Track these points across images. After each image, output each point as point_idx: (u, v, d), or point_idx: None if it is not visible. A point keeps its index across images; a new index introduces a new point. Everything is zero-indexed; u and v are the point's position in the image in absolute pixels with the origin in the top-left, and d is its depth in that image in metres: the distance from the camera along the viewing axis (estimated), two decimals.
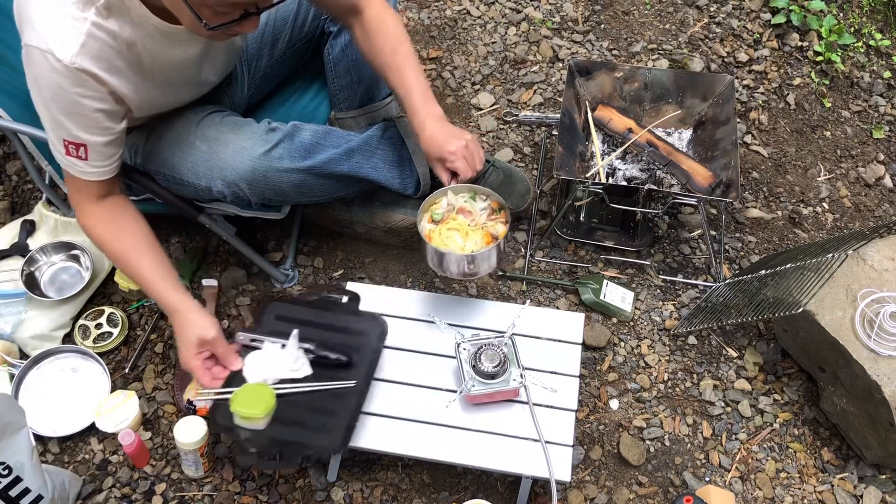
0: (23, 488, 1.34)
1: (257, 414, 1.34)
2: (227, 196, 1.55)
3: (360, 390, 1.43)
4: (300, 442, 1.36)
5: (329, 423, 1.38)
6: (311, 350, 1.45)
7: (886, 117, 2.21)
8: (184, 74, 1.47)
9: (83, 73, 1.26)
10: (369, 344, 1.49)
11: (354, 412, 1.41)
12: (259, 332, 1.49)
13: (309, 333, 1.47)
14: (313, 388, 1.42)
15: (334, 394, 1.42)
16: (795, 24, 2.33)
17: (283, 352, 1.44)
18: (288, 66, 1.81)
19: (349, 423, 1.39)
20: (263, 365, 1.43)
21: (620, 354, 1.76)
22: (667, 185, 1.85)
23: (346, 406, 1.41)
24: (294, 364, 1.43)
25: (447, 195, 1.55)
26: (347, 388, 1.42)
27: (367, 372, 1.46)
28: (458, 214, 1.55)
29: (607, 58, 2.30)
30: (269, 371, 1.42)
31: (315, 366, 1.44)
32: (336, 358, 1.45)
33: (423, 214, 1.55)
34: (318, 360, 1.45)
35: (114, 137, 1.39)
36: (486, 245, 1.50)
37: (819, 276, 1.51)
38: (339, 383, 1.43)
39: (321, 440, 1.37)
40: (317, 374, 1.43)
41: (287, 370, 1.43)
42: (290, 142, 1.54)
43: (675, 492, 1.58)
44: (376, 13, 1.57)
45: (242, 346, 1.48)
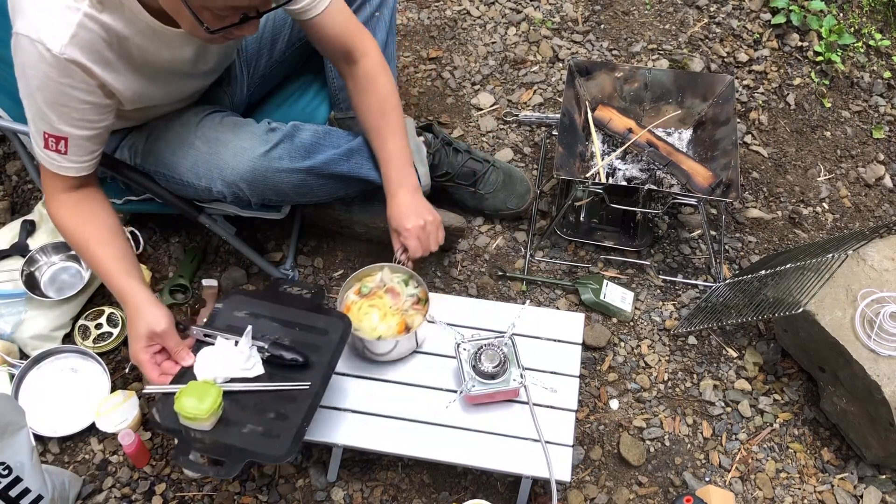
0: (23, 488, 1.34)
1: (201, 414, 1.27)
2: (227, 196, 1.55)
3: (314, 393, 1.34)
4: (245, 448, 1.28)
5: (278, 429, 1.30)
6: (264, 348, 1.38)
7: (886, 117, 2.21)
8: (176, 71, 1.45)
9: (72, 64, 1.24)
10: (329, 343, 1.40)
11: (307, 416, 1.31)
12: (215, 327, 1.41)
13: (266, 329, 1.40)
14: (265, 389, 1.34)
15: (287, 396, 1.34)
16: (795, 24, 2.33)
17: (235, 349, 1.37)
18: (288, 66, 1.81)
19: (300, 429, 1.29)
20: (214, 362, 1.37)
21: (620, 354, 1.76)
22: (667, 185, 1.85)
23: (298, 410, 1.31)
24: (246, 363, 1.36)
25: (383, 271, 1.57)
26: (301, 390, 1.34)
27: (324, 373, 1.37)
28: (385, 294, 1.55)
29: (607, 58, 2.30)
30: (220, 369, 1.36)
31: (269, 365, 1.37)
32: (291, 358, 1.37)
33: (354, 283, 1.57)
34: (271, 359, 1.38)
35: (97, 132, 1.36)
36: (397, 333, 1.50)
37: (819, 276, 1.51)
38: (293, 385, 1.35)
39: (268, 447, 1.28)
40: (270, 374, 1.36)
41: (238, 369, 1.36)
42: (290, 142, 1.54)
43: (675, 492, 1.58)
44: (370, 70, 1.58)
45: (196, 340, 1.41)
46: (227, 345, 1.38)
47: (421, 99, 2.20)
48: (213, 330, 1.41)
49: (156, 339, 1.37)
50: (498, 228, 1.96)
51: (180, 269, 1.83)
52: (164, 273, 1.87)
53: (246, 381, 1.36)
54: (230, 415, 1.32)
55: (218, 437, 1.30)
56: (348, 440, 1.47)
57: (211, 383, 1.33)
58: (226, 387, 1.34)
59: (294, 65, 1.81)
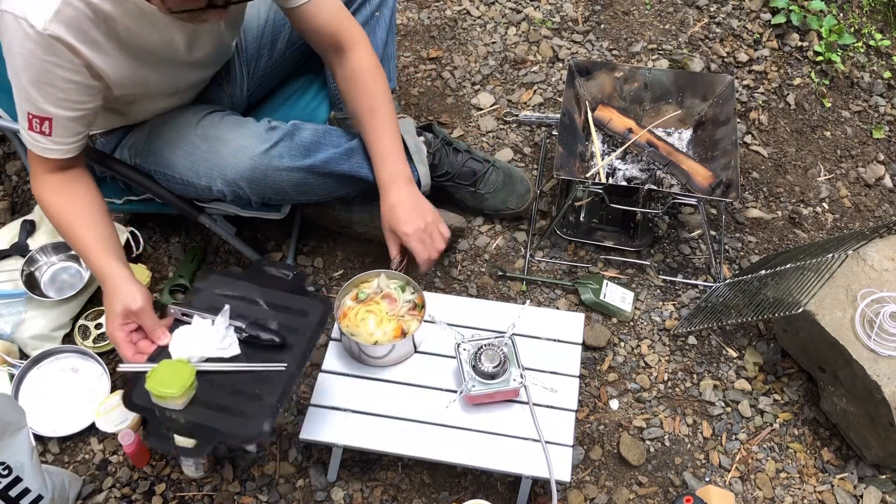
0: (23, 488, 1.34)
1: (172, 393, 1.25)
2: (228, 195, 1.55)
3: (289, 375, 1.32)
4: (216, 428, 1.27)
5: (251, 409, 1.28)
6: (241, 328, 1.36)
7: (886, 117, 2.21)
8: (169, 58, 1.43)
9: (56, 41, 1.22)
10: (308, 326, 1.38)
11: (281, 398, 1.29)
12: (193, 306, 1.39)
13: (244, 310, 1.38)
14: (239, 369, 1.32)
15: (262, 377, 1.32)
16: (795, 24, 2.33)
17: (211, 329, 1.35)
18: (288, 65, 1.81)
19: (273, 410, 1.27)
20: (190, 341, 1.35)
21: (620, 354, 1.76)
22: (667, 185, 1.85)
23: (273, 391, 1.30)
24: (222, 342, 1.34)
25: (380, 277, 1.57)
26: (277, 371, 1.32)
27: (301, 355, 1.35)
28: (382, 299, 1.56)
29: (607, 58, 2.30)
30: (196, 348, 1.34)
31: (246, 346, 1.35)
32: (268, 339, 1.35)
33: (351, 289, 1.57)
34: (248, 339, 1.36)
35: (82, 114, 1.34)
36: (393, 339, 1.51)
37: (819, 276, 1.51)
38: (268, 366, 1.33)
39: (240, 427, 1.27)
40: (246, 355, 1.34)
41: (214, 348, 1.34)
42: (290, 140, 1.54)
43: (675, 492, 1.58)
44: (360, 63, 1.57)
45: (175, 319, 1.39)
46: (203, 324, 1.36)
47: (421, 99, 2.20)
48: (192, 309, 1.39)
49: (132, 318, 1.35)
50: (498, 228, 1.96)
51: (180, 269, 1.83)
52: (164, 273, 1.87)
53: (222, 361, 1.34)
54: (204, 394, 1.30)
55: (190, 417, 1.28)
56: (348, 440, 1.47)
57: (184, 362, 1.31)
58: (199, 366, 1.32)
59: (294, 65, 1.81)
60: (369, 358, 1.53)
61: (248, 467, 1.59)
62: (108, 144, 1.62)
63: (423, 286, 1.82)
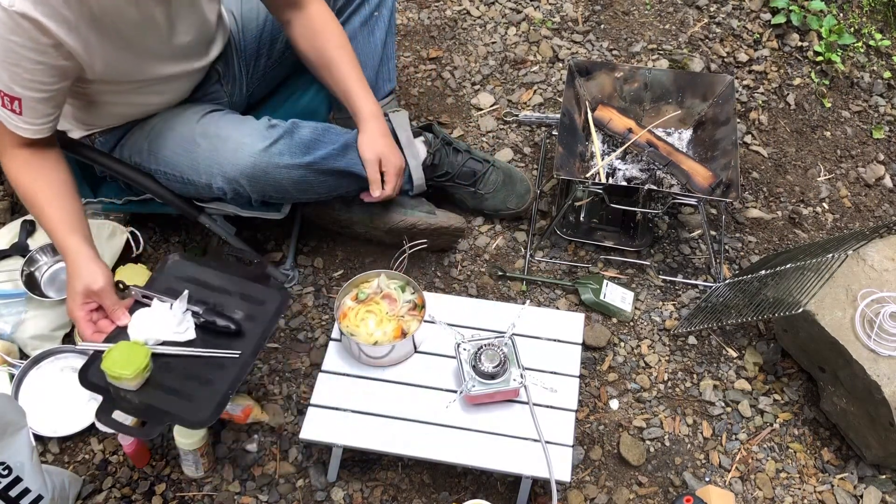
0: (23, 488, 1.34)
1: (126, 374, 1.28)
2: (228, 193, 1.55)
3: (243, 362, 1.35)
4: (166, 410, 1.29)
5: (202, 394, 1.31)
6: (198, 313, 1.38)
7: (886, 117, 2.21)
8: (148, 36, 1.40)
9: (23, 19, 1.18)
10: (265, 315, 1.41)
11: (232, 385, 1.32)
12: (155, 289, 1.41)
13: (204, 295, 1.40)
14: (193, 354, 1.34)
15: (216, 363, 1.34)
16: (795, 24, 2.33)
17: (169, 312, 1.37)
18: (287, 65, 1.81)
19: (224, 396, 1.31)
20: (148, 324, 1.36)
21: (620, 354, 1.76)
22: (667, 185, 1.85)
23: (225, 378, 1.32)
24: (178, 326, 1.37)
25: (380, 278, 1.58)
26: (231, 358, 1.35)
27: (255, 343, 1.37)
28: (382, 299, 1.56)
29: (607, 58, 2.30)
30: (153, 331, 1.36)
31: (201, 331, 1.38)
32: (224, 325, 1.37)
33: (351, 289, 1.58)
34: (205, 324, 1.38)
35: (50, 95, 1.32)
36: (393, 339, 1.52)
37: (819, 276, 1.51)
38: (222, 352, 1.35)
39: (190, 412, 1.30)
40: (202, 340, 1.36)
41: (171, 332, 1.36)
42: (290, 138, 1.54)
43: (675, 492, 1.58)
44: (319, 13, 1.60)
45: (135, 301, 1.41)
46: (162, 307, 1.38)
47: (421, 99, 2.20)
48: (152, 292, 1.40)
49: (92, 297, 1.36)
50: (498, 228, 1.96)
51: None
52: None
53: (178, 345, 1.36)
54: (158, 377, 1.32)
55: (143, 399, 1.30)
56: (348, 440, 1.47)
57: (140, 345, 1.33)
58: (155, 349, 1.34)
59: (294, 65, 1.81)
60: (369, 358, 1.53)
61: (248, 467, 1.59)
62: (107, 144, 1.62)
63: (423, 286, 1.82)
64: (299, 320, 1.79)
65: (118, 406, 1.30)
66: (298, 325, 1.79)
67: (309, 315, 1.80)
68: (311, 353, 1.75)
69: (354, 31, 1.75)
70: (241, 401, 1.60)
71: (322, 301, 1.83)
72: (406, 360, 1.55)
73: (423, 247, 1.68)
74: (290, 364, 1.73)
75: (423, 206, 1.80)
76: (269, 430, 1.64)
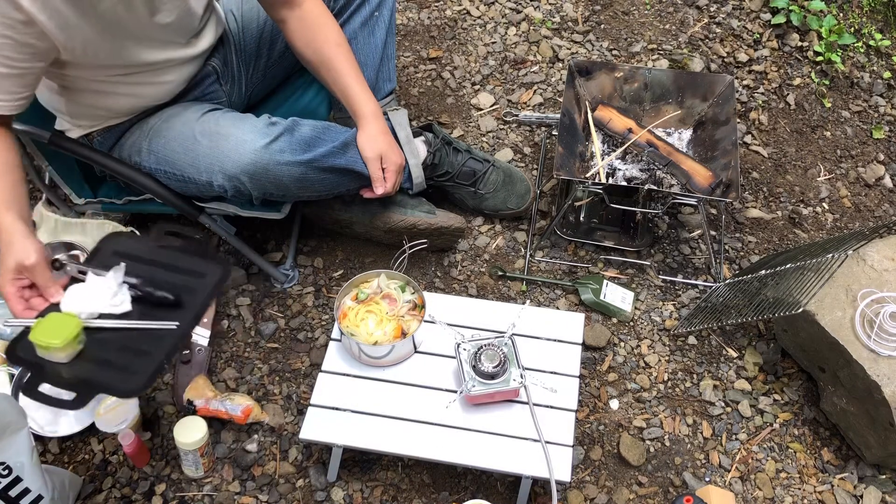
0: (23, 488, 1.34)
1: (56, 344, 1.23)
2: (228, 190, 1.55)
3: (180, 333, 1.32)
4: (98, 382, 1.26)
5: (138, 365, 1.28)
6: (135, 285, 1.35)
7: (886, 117, 2.21)
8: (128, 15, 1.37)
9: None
10: (205, 286, 1.38)
11: (168, 355, 1.29)
12: (91, 265, 1.38)
13: (142, 270, 1.38)
14: (129, 326, 1.31)
15: (153, 335, 1.31)
16: (795, 24, 2.33)
17: (104, 285, 1.34)
18: (287, 66, 1.81)
19: (159, 366, 1.28)
20: (82, 297, 1.33)
21: (620, 354, 1.76)
22: (667, 185, 1.85)
23: (161, 348, 1.29)
24: (114, 299, 1.33)
25: (380, 278, 1.59)
26: (168, 329, 1.32)
27: (194, 315, 1.35)
28: (382, 299, 1.57)
29: (607, 58, 2.30)
30: (87, 304, 1.32)
31: (139, 303, 1.34)
32: (161, 296, 1.34)
33: (351, 289, 1.58)
34: (142, 297, 1.35)
35: (17, 73, 1.29)
36: (393, 339, 1.52)
37: (819, 276, 1.51)
38: (158, 324, 1.32)
39: (122, 381, 1.26)
40: (140, 313, 1.33)
41: (106, 304, 1.32)
42: (290, 135, 1.54)
43: (675, 492, 1.58)
44: (314, 9, 1.60)
45: (71, 278, 1.36)
46: (96, 281, 1.35)
47: (421, 99, 2.20)
48: (88, 267, 1.38)
49: (24, 273, 1.32)
50: (498, 228, 1.96)
51: None
52: None
53: (114, 318, 1.33)
54: (93, 350, 1.29)
55: (74, 372, 1.27)
56: (348, 440, 1.47)
57: (71, 315, 1.29)
58: (90, 323, 1.31)
59: (294, 65, 1.81)
60: (369, 358, 1.53)
61: (248, 467, 1.59)
62: (106, 143, 1.62)
63: (424, 286, 1.83)
64: (299, 320, 1.79)
65: (47, 379, 1.26)
66: (298, 325, 1.79)
67: (309, 315, 1.80)
68: (311, 353, 1.75)
69: (355, 32, 1.75)
70: (241, 401, 1.61)
71: (322, 301, 1.83)
72: (406, 360, 1.55)
73: (423, 247, 1.69)
74: (290, 364, 1.73)
75: (422, 205, 1.80)
76: (269, 430, 1.64)
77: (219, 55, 1.67)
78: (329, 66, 1.63)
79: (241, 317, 1.80)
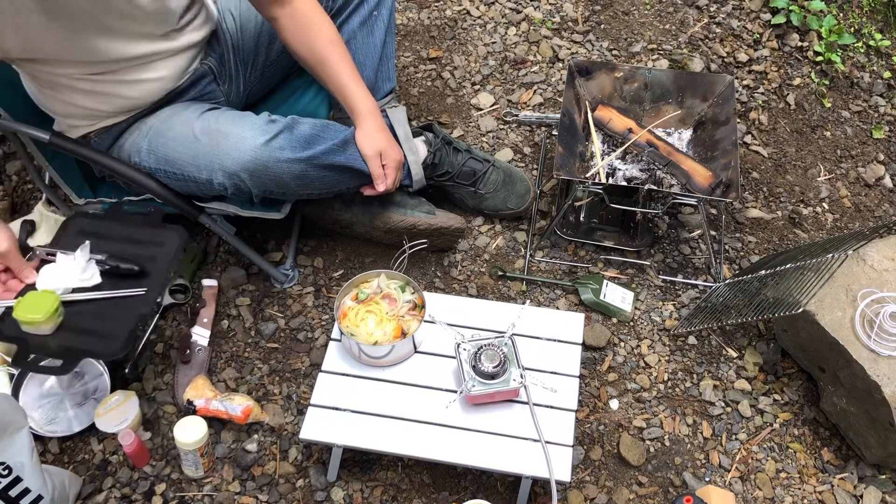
0: (23, 488, 1.34)
1: (38, 318, 1.37)
2: (229, 188, 1.55)
3: (149, 298, 1.47)
4: (81, 348, 1.41)
5: (114, 329, 1.42)
6: (102, 260, 1.48)
7: (886, 117, 2.21)
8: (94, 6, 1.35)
9: None
10: (166, 254, 1.53)
11: (141, 318, 1.45)
12: (58, 246, 1.51)
13: (107, 246, 1.51)
14: (101, 297, 1.46)
15: (124, 303, 1.46)
16: (795, 24, 2.33)
17: (73, 262, 1.47)
18: (286, 65, 1.80)
19: (134, 328, 1.43)
20: (54, 275, 1.47)
21: (620, 354, 1.76)
22: (667, 185, 1.85)
23: (133, 313, 1.45)
24: (84, 273, 1.47)
25: (380, 278, 1.59)
26: (136, 295, 1.47)
27: (162, 279, 1.50)
28: (382, 299, 1.57)
29: (607, 58, 2.30)
30: (60, 280, 1.46)
31: (107, 276, 1.48)
32: (127, 267, 1.48)
33: (351, 289, 1.58)
34: (110, 270, 1.49)
35: None
36: (393, 339, 1.52)
37: (819, 277, 1.51)
38: (127, 291, 1.47)
39: (103, 346, 1.42)
40: (110, 284, 1.47)
41: (77, 279, 1.46)
42: (290, 132, 1.54)
43: (675, 492, 1.58)
44: (311, 7, 1.59)
45: (41, 260, 1.49)
46: (66, 259, 1.48)
47: (421, 99, 2.20)
48: (56, 248, 1.50)
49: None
50: (498, 228, 1.96)
51: (180, 269, 1.83)
52: None
53: (86, 291, 1.46)
54: (71, 321, 1.42)
55: (59, 342, 1.40)
56: (348, 440, 1.47)
57: (49, 291, 1.42)
58: (66, 297, 1.43)
59: (293, 64, 1.80)
60: (369, 358, 1.53)
61: (248, 467, 1.59)
62: (102, 144, 1.61)
63: (423, 286, 1.83)
64: (299, 320, 1.79)
65: (34, 351, 1.39)
66: (298, 325, 1.79)
67: (309, 315, 1.80)
68: (311, 353, 1.75)
69: (353, 31, 1.75)
70: (241, 401, 1.61)
71: (322, 301, 1.83)
72: (406, 360, 1.55)
73: (423, 247, 1.69)
74: (290, 364, 1.73)
75: (422, 206, 1.80)
76: (269, 430, 1.64)
77: (214, 55, 1.67)
78: (324, 64, 1.63)
79: (241, 317, 1.80)
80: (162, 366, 1.73)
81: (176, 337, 1.76)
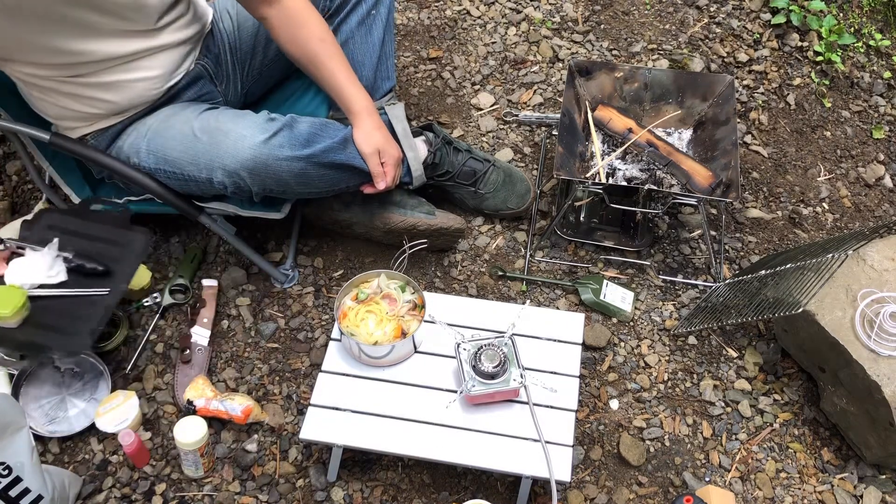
0: (23, 488, 1.34)
1: (6, 313, 1.44)
2: (228, 187, 1.54)
3: (111, 299, 1.53)
4: (44, 343, 1.48)
5: (78, 328, 1.49)
6: (69, 258, 1.54)
7: (886, 117, 2.21)
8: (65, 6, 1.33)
9: None
10: (130, 255, 1.59)
11: (102, 318, 1.51)
12: (28, 241, 1.57)
13: (74, 244, 1.57)
14: (66, 294, 1.52)
15: (88, 301, 1.52)
16: (795, 24, 2.33)
17: (41, 258, 1.53)
18: (283, 65, 1.80)
19: (95, 327, 1.49)
20: (22, 270, 1.52)
21: (620, 354, 1.76)
22: (667, 185, 1.85)
23: (96, 312, 1.51)
24: (50, 270, 1.53)
25: (380, 278, 1.59)
26: (101, 295, 1.53)
27: (125, 280, 1.56)
28: (382, 299, 1.57)
29: (607, 58, 2.30)
30: (27, 276, 1.52)
31: (73, 273, 1.54)
32: (92, 267, 1.54)
33: (351, 289, 1.59)
34: (76, 268, 1.54)
35: None
36: (393, 339, 1.52)
37: (819, 276, 1.51)
38: (91, 291, 1.53)
39: (67, 342, 1.48)
40: (75, 282, 1.54)
41: (44, 275, 1.52)
42: (289, 131, 1.54)
43: (675, 492, 1.58)
44: (301, 4, 1.59)
45: (11, 252, 1.55)
46: (34, 255, 1.54)
47: (421, 99, 2.20)
48: (25, 243, 1.56)
49: None
50: (498, 228, 1.96)
51: (180, 269, 1.83)
52: (165, 273, 1.87)
53: (53, 287, 1.52)
54: (37, 316, 1.49)
55: (25, 336, 1.48)
56: (348, 440, 1.47)
57: (16, 287, 1.49)
58: (33, 292, 1.50)
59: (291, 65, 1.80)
60: (369, 358, 1.53)
61: (248, 467, 1.59)
62: (100, 145, 1.61)
63: (423, 286, 1.83)
64: (299, 320, 1.80)
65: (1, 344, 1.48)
66: (298, 325, 1.79)
67: (309, 315, 1.80)
68: (311, 353, 1.75)
69: (352, 30, 1.75)
70: (242, 401, 1.61)
71: (322, 301, 1.83)
72: (406, 360, 1.55)
73: (423, 247, 1.69)
74: (290, 364, 1.73)
75: (422, 206, 1.80)
76: (269, 430, 1.64)
77: (210, 55, 1.67)
78: (316, 63, 1.63)
79: (241, 317, 1.80)
80: (162, 366, 1.73)
81: (176, 337, 1.76)
